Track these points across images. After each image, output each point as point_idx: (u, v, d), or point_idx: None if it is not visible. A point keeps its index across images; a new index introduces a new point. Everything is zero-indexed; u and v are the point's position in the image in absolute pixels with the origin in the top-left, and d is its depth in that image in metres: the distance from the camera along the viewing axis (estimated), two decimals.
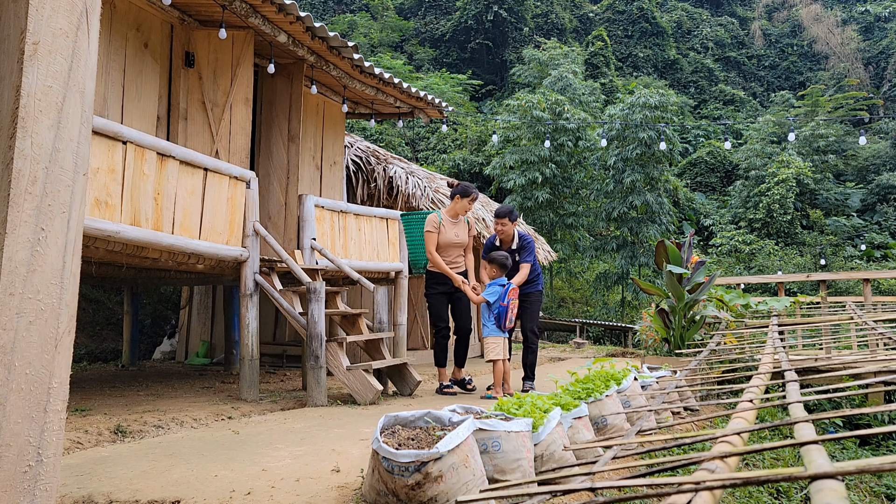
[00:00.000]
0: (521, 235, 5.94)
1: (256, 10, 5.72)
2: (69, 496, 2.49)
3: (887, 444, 7.06)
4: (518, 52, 30.68)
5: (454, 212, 5.81)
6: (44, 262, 1.45)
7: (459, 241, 5.79)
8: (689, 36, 38.01)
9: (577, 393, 3.48)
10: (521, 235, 5.94)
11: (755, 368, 5.02)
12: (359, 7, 35.21)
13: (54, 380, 1.47)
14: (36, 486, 1.41)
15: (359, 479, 2.65)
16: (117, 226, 3.97)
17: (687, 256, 6.95)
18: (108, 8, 5.36)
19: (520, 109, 18.81)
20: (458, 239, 5.78)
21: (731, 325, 6.91)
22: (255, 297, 5.16)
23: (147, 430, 3.90)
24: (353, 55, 6.72)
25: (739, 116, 31.04)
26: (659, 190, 18.92)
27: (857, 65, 34.53)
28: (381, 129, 23.50)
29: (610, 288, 19.69)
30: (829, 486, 0.87)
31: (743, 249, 21.84)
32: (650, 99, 18.52)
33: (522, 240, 5.92)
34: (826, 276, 9.61)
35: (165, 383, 6.05)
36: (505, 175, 19.08)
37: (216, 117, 6.12)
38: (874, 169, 26.87)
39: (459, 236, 5.79)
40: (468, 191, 5.78)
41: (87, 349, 8.82)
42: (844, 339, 7.73)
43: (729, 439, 1.34)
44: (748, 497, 3.88)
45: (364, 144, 9.42)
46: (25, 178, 1.42)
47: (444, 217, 5.78)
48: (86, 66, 1.56)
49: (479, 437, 2.47)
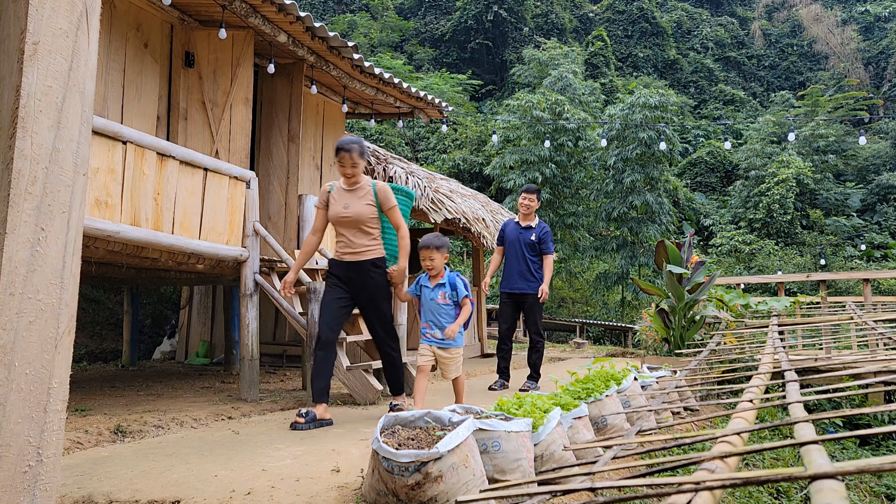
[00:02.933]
0: (542, 222, 6.11)
1: (256, 10, 5.72)
2: (69, 496, 2.49)
3: (887, 444, 7.06)
4: (518, 52, 30.68)
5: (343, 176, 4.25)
6: (44, 262, 1.45)
7: (349, 215, 4.14)
8: (689, 36, 38.01)
9: (577, 393, 3.48)
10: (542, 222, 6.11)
11: (755, 368, 5.02)
12: (359, 7, 35.21)
13: (54, 380, 1.47)
14: (36, 486, 1.41)
15: (359, 479, 2.65)
16: (117, 226, 3.97)
17: (687, 256, 6.95)
18: (108, 8, 5.36)
19: (520, 109, 18.81)
20: (346, 212, 4.14)
21: (731, 325, 6.91)
22: (255, 297, 5.16)
23: (147, 430, 3.90)
24: (353, 55, 6.72)
25: (739, 116, 31.04)
26: (659, 190, 18.92)
27: (857, 65, 34.53)
28: (381, 129, 23.51)
29: (610, 288, 19.69)
30: (829, 486, 0.87)
31: (743, 249, 21.85)
32: (650, 99, 18.53)
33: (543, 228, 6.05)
34: (826, 276, 9.61)
35: (165, 383, 6.05)
36: (505, 175, 19.09)
37: (216, 117, 6.12)
38: (874, 169, 26.88)
39: (350, 208, 4.15)
40: (338, 146, 4.17)
41: (87, 349, 8.82)
42: (844, 339, 7.72)
43: (729, 439, 1.34)
44: (748, 497, 3.88)
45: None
46: (25, 178, 1.42)
47: (338, 185, 4.29)
48: (86, 66, 1.56)
49: (479, 437, 2.47)
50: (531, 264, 5.92)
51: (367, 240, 4.21)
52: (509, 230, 6.11)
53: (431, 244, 4.23)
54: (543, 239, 5.94)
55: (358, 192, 4.24)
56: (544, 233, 5.98)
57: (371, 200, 4.22)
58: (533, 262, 5.93)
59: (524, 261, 5.94)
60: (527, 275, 5.91)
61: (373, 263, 4.21)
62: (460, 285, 4.27)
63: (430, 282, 4.28)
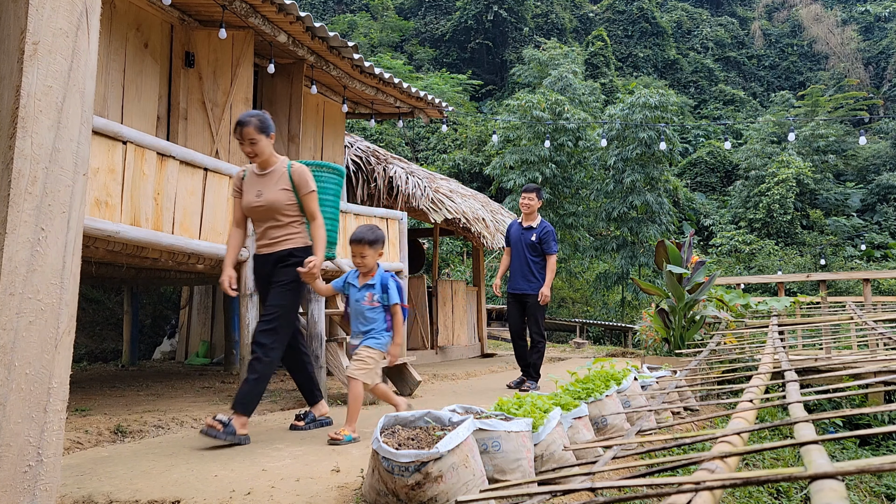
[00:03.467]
0: (544, 221, 6.10)
1: (256, 10, 5.72)
2: (69, 496, 2.49)
3: (887, 444, 7.06)
4: (518, 52, 30.69)
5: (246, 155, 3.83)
6: (44, 262, 1.45)
7: (262, 203, 3.71)
8: (689, 36, 38.02)
9: (577, 393, 3.48)
10: (544, 221, 6.10)
11: (755, 368, 5.02)
12: (359, 7, 35.22)
13: (54, 380, 1.47)
14: (36, 486, 1.41)
15: (359, 479, 2.65)
16: (117, 226, 3.97)
17: (687, 256, 6.96)
18: (108, 8, 5.36)
19: (520, 109, 18.82)
20: (259, 201, 3.72)
21: (731, 325, 6.91)
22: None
23: (147, 430, 3.90)
24: (353, 55, 6.72)
25: (739, 116, 31.05)
26: (659, 190, 18.92)
27: (857, 65, 34.54)
28: (381, 129, 23.51)
29: (610, 288, 19.70)
30: (829, 486, 0.87)
31: (743, 249, 21.86)
32: (650, 99, 18.53)
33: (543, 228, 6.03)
34: (826, 276, 9.61)
35: (165, 383, 6.05)
36: (505, 175, 19.10)
37: (216, 117, 6.12)
38: (874, 169, 26.89)
39: (263, 196, 3.72)
40: (237, 121, 3.73)
41: (87, 349, 8.82)
42: (844, 339, 7.72)
43: (729, 439, 1.34)
44: (748, 497, 3.88)
45: (364, 144, 9.42)
46: (25, 178, 1.42)
47: (251, 170, 3.86)
48: (86, 66, 1.56)
49: (479, 437, 2.47)
50: (532, 265, 5.94)
51: (284, 231, 3.74)
52: (513, 231, 6.19)
53: (364, 238, 3.65)
54: (544, 239, 5.95)
55: (272, 176, 3.74)
56: (545, 233, 5.97)
57: (287, 185, 3.72)
58: (534, 263, 5.95)
59: (525, 261, 5.97)
60: (528, 275, 5.95)
61: (289, 254, 3.71)
62: (393, 288, 3.66)
63: (358, 280, 3.70)
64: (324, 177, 4.25)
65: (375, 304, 3.63)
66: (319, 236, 3.70)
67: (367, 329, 3.61)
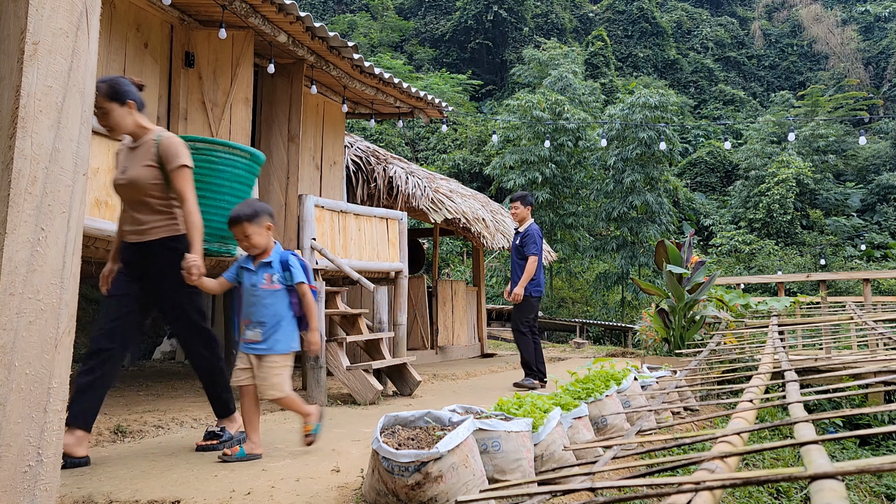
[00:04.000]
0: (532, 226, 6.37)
1: (256, 10, 5.72)
2: (69, 496, 2.49)
3: (887, 444, 7.06)
4: (518, 52, 30.69)
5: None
6: (44, 262, 1.45)
7: (124, 181, 3.16)
8: (689, 36, 38.02)
9: (577, 393, 3.48)
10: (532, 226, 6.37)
11: (755, 368, 5.02)
12: (359, 7, 35.23)
13: (54, 380, 1.47)
14: (36, 486, 1.41)
15: (359, 479, 2.65)
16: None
17: (687, 256, 6.96)
18: (108, 8, 5.36)
19: (520, 109, 18.82)
20: (122, 178, 3.17)
21: (731, 325, 6.91)
22: None
23: (147, 430, 3.90)
24: (353, 55, 6.72)
25: (739, 116, 31.05)
26: (659, 190, 18.92)
27: (857, 65, 34.54)
28: (381, 129, 23.52)
29: (610, 288, 19.70)
30: (829, 486, 0.87)
31: (743, 249, 21.85)
32: (650, 99, 18.53)
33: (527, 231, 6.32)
34: (826, 276, 9.61)
35: (165, 383, 6.05)
36: (505, 175, 19.10)
37: (216, 117, 6.12)
38: (874, 169, 26.89)
39: (127, 172, 3.16)
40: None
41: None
42: (844, 339, 7.72)
43: (729, 439, 1.34)
44: (748, 497, 3.88)
45: (364, 144, 9.42)
46: (25, 178, 1.42)
47: (125, 142, 3.28)
48: (86, 66, 1.56)
49: (479, 437, 2.47)
50: (518, 267, 6.33)
51: (152, 215, 3.16)
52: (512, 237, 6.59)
53: (241, 215, 3.09)
54: (525, 242, 6.27)
55: (139, 150, 3.15)
56: (526, 236, 6.29)
57: (152, 160, 3.11)
58: (519, 266, 6.32)
59: (514, 264, 6.38)
60: (514, 277, 6.34)
61: (161, 244, 3.16)
62: (296, 265, 3.18)
63: (252, 263, 3.22)
64: (220, 158, 3.66)
65: (276, 287, 3.16)
66: (192, 223, 3.07)
67: (270, 322, 3.17)
